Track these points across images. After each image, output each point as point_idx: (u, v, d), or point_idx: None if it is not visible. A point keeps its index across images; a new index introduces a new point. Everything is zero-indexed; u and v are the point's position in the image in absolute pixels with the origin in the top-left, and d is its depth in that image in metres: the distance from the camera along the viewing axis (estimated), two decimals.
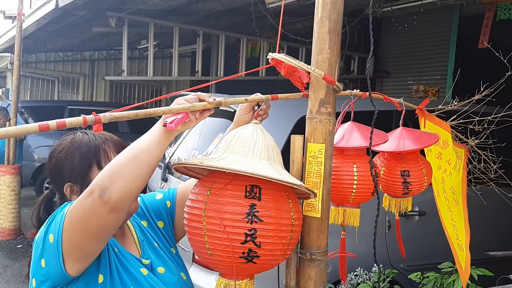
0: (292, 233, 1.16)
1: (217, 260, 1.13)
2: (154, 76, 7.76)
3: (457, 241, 1.79)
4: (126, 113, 1.11)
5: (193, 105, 1.18)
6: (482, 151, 2.00)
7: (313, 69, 1.27)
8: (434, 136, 1.68)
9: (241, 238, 1.08)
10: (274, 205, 1.12)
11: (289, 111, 3.13)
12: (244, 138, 1.18)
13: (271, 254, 1.13)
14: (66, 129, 1.06)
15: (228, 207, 1.09)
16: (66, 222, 1.14)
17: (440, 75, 7.62)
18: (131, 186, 1.10)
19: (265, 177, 1.05)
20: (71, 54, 14.25)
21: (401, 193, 1.74)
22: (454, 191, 1.86)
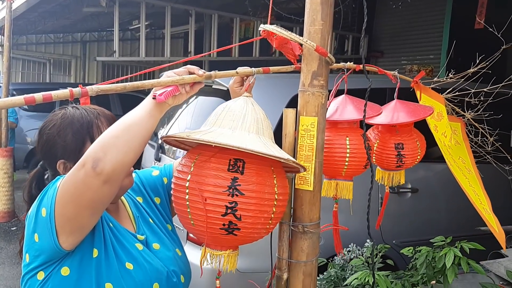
0: (275, 208, 1.17)
1: (199, 230, 1.15)
2: (147, 57, 7.69)
3: (481, 206, 1.81)
4: (113, 86, 1.10)
5: (182, 78, 1.17)
6: (479, 124, 2.01)
7: (305, 40, 1.26)
8: (428, 109, 1.68)
9: (221, 211, 1.10)
10: (257, 180, 1.13)
11: (283, 89, 3.13)
12: (234, 111, 1.18)
13: (252, 228, 1.14)
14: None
15: (210, 179, 1.11)
16: (59, 196, 1.13)
17: (434, 55, 7.61)
18: (124, 157, 1.09)
19: (249, 150, 1.06)
20: (62, 36, 14.09)
21: (395, 166, 1.75)
22: (463, 160, 1.88)
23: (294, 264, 1.39)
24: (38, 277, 1.22)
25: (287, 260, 1.40)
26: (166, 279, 1.34)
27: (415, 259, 2.38)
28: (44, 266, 1.21)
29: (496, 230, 1.82)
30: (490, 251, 2.82)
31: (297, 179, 1.38)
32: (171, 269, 1.37)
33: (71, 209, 1.12)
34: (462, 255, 2.18)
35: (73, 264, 1.22)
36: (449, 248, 2.18)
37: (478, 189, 1.89)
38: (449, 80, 1.89)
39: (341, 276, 2.43)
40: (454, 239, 2.38)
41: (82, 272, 1.22)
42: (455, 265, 2.14)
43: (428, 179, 3.62)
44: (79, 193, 1.10)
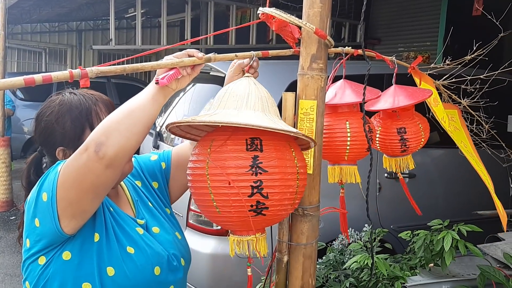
0: (298, 182, 1.15)
1: (226, 217, 1.12)
2: (143, 45, 7.66)
3: (490, 186, 1.83)
4: (113, 68, 1.09)
5: (182, 61, 1.17)
6: (474, 112, 2.01)
7: (304, 23, 1.25)
8: (427, 91, 1.68)
9: (247, 191, 1.08)
10: (277, 155, 1.11)
11: (281, 75, 3.12)
12: (237, 92, 1.17)
13: (280, 204, 1.13)
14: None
15: (231, 161, 1.08)
16: (61, 180, 1.13)
17: (431, 42, 7.59)
18: (126, 142, 1.09)
19: (259, 126, 1.04)
20: (57, 25, 13.98)
21: (400, 151, 1.74)
22: (465, 144, 1.89)
23: (294, 247, 1.41)
24: (39, 261, 1.22)
25: (287, 243, 1.41)
26: (167, 262, 1.35)
27: (413, 242, 2.40)
28: (45, 251, 1.22)
29: (500, 211, 1.85)
30: (488, 234, 2.85)
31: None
32: (171, 252, 1.38)
33: (74, 193, 1.13)
34: (459, 238, 2.20)
35: (74, 249, 1.22)
36: (447, 231, 2.20)
37: (484, 171, 1.92)
38: (445, 66, 1.89)
39: (340, 260, 2.45)
40: (451, 223, 2.40)
41: (83, 256, 1.23)
42: (452, 248, 2.16)
43: (426, 164, 3.64)
44: (81, 177, 1.10)
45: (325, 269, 2.44)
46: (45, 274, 1.22)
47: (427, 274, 2.32)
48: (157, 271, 1.31)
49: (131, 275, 1.26)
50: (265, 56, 1.32)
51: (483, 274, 2.20)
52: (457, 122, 1.93)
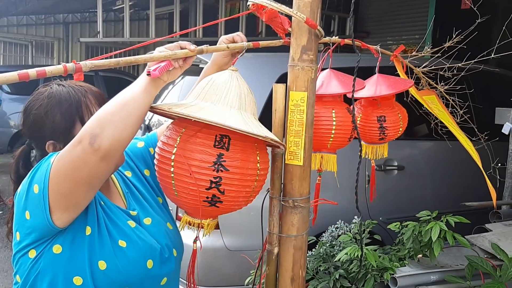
0: (256, 183, 1.20)
1: (182, 201, 1.19)
2: (131, 38, 7.60)
3: (480, 163, 1.88)
4: (107, 61, 1.09)
5: (174, 53, 1.17)
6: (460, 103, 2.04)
7: (295, 12, 1.25)
8: (409, 81, 1.72)
9: (206, 185, 1.13)
10: (242, 156, 1.15)
11: (271, 67, 3.12)
12: (218, 85, 1.19)
13: (234, 200, 1.18)
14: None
15: (197, 154, 1.13)
16: (54, 172, 1.12)
17: (419, 35, 7.63)
18: (121, 134, 1.08)
19: (228, 127, 1.07)
20: (44, 17, 13.81)
21: (378, 138, 1.79)
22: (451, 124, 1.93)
23: (285, 238, 1.41)
24: (30, 255, 1.21)
25: (277, 234, 1.42)
26: (159, 255, 1.34)
27: (402, 234, 2.42)
28: (36, 244, 1.20)
29: (490, 186, 1.91)
30: (475, 226, 2.88)
31: (287, 154, 1.39)
32: (164, 243, 1.38)
33: (67, 185, 1.12)
34: (447, 229, 2.22)
35: (65, 242, 1.21)
36: (435, 222, 2.22)
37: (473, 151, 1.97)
38: (425, 53, 1.92)
39: (330, 253, 2.46)
40: (440, 214, 2.42)
41: (74, 250, 1.22)
42: (441, 238, 2.18)
43: (414, 156, 3.67)
44: (75, 169, 1.09)
45: (315, 261, 2.45)
46: (36, 268, 1.22)
47: (416, 265, 2.34)
48: (150, 264, 1.31)
49: (123, 269, 1.25)
50: (256, 47, 1.31)
51: (471, 264, 2.22)
52: (437, 106, 1.96)
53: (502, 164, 3.77)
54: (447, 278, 2.24)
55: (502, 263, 2.28)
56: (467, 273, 2.22)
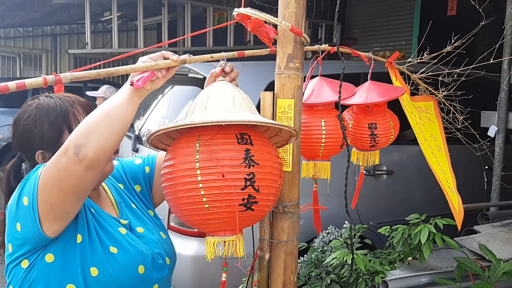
0: (280, 178, 1.18)
1: (214, 213, 1.09)
2: (120, 49, 7.60)
3: (447, 184, 1.88)
4: (87, 73, 1.10)
5: (157, 63, 1.18)
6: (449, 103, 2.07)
7: (280, 21, 1.28)
8: (400, 89, 1.73)
9: (241, 184, 1.07)
10: (266, 149, 1.14)
11: (259, 76, 3.14)
12: (221, 94, 1.17)
13: (267, 199, 1.13)
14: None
15: (224, 153, 1.08)
16: (41, 183, 1.13)
17: (406, 41, 7.71)
18: (106, 143, 1.10)
19: (259, 122, 1.08)
20: (31, 29, 13.75)
21: (369, 145, 1.80)
22: (435, 138, 1.94)
23: (276, 244, 1.43)
24: (22, 265, 1.23)
25: (268, 240, 1.43)
26: (151, 261, 1.36)
27: (392, 237, 2.45)
28: (28, 254, 1.22)
29: (456, 209, 1.92)
30: (464, 228, 2.91)
31: None
32: (156, 251, 1.39)
33: (55, 195, 1.13)
34: (436, 232, 2.25)
35: (57, 251, 1.23)
36: (424, 225, 2.25)
37: (446, 168, 1.97)
38: (420, 60, 1.94)
39: (321, 258, 2.48)
40: (428, 217, 2.45)
41: (66, 258, 1.23)
42: (430, 241, 2.21)
43: (403, 161, 3.70)
44: (62, 180, 1.11)
45: (307, 267, 2.46)
46: (29, 277, 1.23)
47: (406, 267, 2.36)
48: (141, 269, 1.32)
49: (115, 274, 1.26)
50: (241, 56, 1.33)
51: (460, 266, 2.25)
52: (431, 114, 1.98)
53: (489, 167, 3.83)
54: (437, 280, 2.26)
55: (491, 264, 2.31)
56: (457, 275, 2.25)
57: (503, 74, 3.24)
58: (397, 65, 1.89)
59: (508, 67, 3.19)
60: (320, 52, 1.54)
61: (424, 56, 1.94)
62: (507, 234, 2.70)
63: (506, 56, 3.18)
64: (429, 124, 1.92)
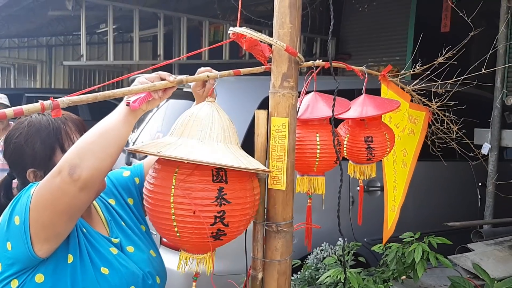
0: (253, 208, 1.23)
1: (185, 241, 1.17)
2: (115, 61, 7.59)
3: (392, 202, 1.91)
4: (84, 97, 1.09)
5: (153, 85, 1.17)
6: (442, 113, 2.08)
7: (275, 41, 1.28)
8: (395, 102, 1.74)
9: (210, 221, 1.13)
10: (240, 186, 1.17)
11: (254, 91, 3.15)
12: (201, 121, 1.19)
13: (236, 231, 1.20)
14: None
15: (198, 192, 1.12)
16: (33, 203, 1.12)
17: (400, 56, 7.77)
18: (101, 163, 1.09)
19: (223, 165, 1.09)
20: (26, 40, 13.75)
21: (365, 158, 1.79)
22: (406, 152, 1.95)
23: (269, 263, 1.41)
24: (12, 285, 1.20)
25: (261, 259, 1.42)
26: (142, 281, 1.34)
27: (386, 255, 2.44)
28: (18, 274, 1.20)
29: (388, 226, 1.95)
30: (458, 245, 2.91)
31: (270, 179, 1.40)
32: (146, 270, 1.37)
33: (47, 216, 1.12)
34: (430, 250, 2.24)
35: (47, 271, 1.21)
36: (417, 244, 2.24)
37: (401, 186, 2.00)
38: (413, 72, 1.96)
39: (315, 276, 2.46)
40: (422, 235, 2.44)
41: (57, 279, 1.21)
42: (424, 259, 2.20)
43: None
44: (55, 200, 1.09)
45: (300, 285, 2.44)
46: None
47: (400, 286, 2.35)
48: None
49: None
50: (236, 75, 1.34)
51: (454, 285, 2.24)
52: (417, 126, 2.00)
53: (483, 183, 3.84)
54: None
55: (484, 283, 2.31)
56: None
57: (496, 92, 3.26)
58: (391, 78, 1.90)
59: (501, 85, 3.22)
60: (314, 68, 1.54)
61: (416, 68, 1.95)
62: (500, 252, 2.70)
63: (499, 75, 3.20)
64: (408, 137, 1.94)
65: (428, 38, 6.87)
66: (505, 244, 2.80)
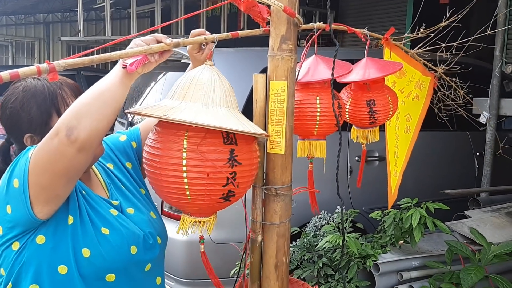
0: (256, 170, 1.25)
1: (195, 204, 1.17)
2: (113, 36, 7.54)
3: (394, 167, 1.92)
4: (81, 60, 1.07)
5: (150, 47, 1.16)
6: (451, 79, 2.07)
7: (272, 1, 1.27)
8: (398, 64, 1.70)
9: (222, 182, 1.14)
10: (247, 148, 1.18)
11: (252, 62, 3.14)
12: (203, 85, 1.18)
13: (244, 191, 1.22)
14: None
15: (211, 155, 1.12)
16: (32, 165, 1.13)
17: (399, 29, 7.70)
18: (98, 125, 1.10)
19: (231, 130, 1.10)
20: (24, 17, 13.61)
21: (368, 122, 1.77)
22: (409, 118, 1.95)
23: (268, 226, 1.43)
24: (13, 247, 1.22)
25: (261, 222, 1.43)
26: (143, 241, 1.36)
27: (384, 221, 2.47)
28: (19, 237, 1.21)
29: (392, 191, 1.96)
30: (455, 213, 2.94)
31: (269, 143, 1.41)
32: (147, 231, 1.39)
33: (46, 178, 1.12)
34: (427, 216, 2.27)
35: (48, 232, 1.22)
36: (415, 209, 2.26)
37: (403, 151, 2.00)
38: (415, 36, 1.94)
39: (313, 243, 2.50)
40: (420, 202, 2.47)
41: (58, 240, 1.23)
42: (421, 225, 2.23)
43: None
44: (53, 162, 1.10)
45: (299, 251, 2.48)
46: (20, 259, 1.22)
47: (398, 251, 2.39)
48: (134, 250, 1.32)
49: (107, 255, 1.26)
50: (235, 37, 1.33)
51: (451, 249, 2.27)
52: (422, 91, 1.98)
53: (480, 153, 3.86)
54: (427, 264, 2.29)
55: (481, 248, 2.34)
56: (447, 258, 2.28)
57: (495, 60, 3.25)
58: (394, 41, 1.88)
59: (500, 54, 3.21)
60: (315, 31, 1.53)
61: (420, 31, 1.93)
62: (497, 219, 2.73)
63: (499, 43, 3.19)
64: (412, 102, 1.93)
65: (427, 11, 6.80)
66: (502, 211, 2.84)
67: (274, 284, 1.43)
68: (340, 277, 2.23)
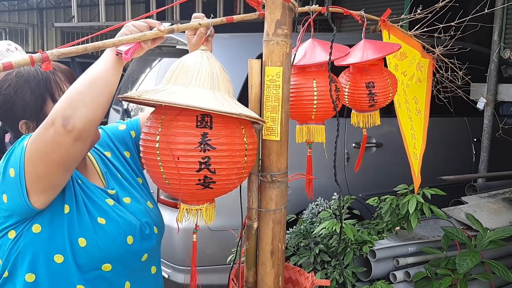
0: (246, 158, 1.20)
1: (175, 189, 1.17)
2: (107, 22, 7.47)
3: (413, 150, 1.89)
4: (74, 48, 1.07)
5: (144, 34, 1.16)
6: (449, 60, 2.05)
7: None
8: (396, 45, 1.68)
9: (195, 167, 1.12)
10: (226, 132, 1.15)
11: (248, 47, 3.11)
12: (188, 67, 1.17)
13: (227, 179, 1.18)
14: None
15: (180, 137, 1.12)
16: (28, 155, 1.12)
17: (397, 14, 7.65)
18: (94, 113, 1.09)
19: (199, 108, 1.07)
20: (17, 3, 13.46)
21: (367, 105, 1.74)
22: (417, 100, 1.93)
23: (264, 213, 1.43)
24: (9, 236, 1.22)
25: (256, 209, 1.43)
26: (139, 231, 1.35)
27: (380, 208, 2.46)
28: (15, 225, 1.21)
29: (416, 175, 1.94)
30: (451, 199, 2.95)
31: (264, 129, 1.39)
32: (144, 221, 1.38)
33: (43, 168, 1.12)
34: (424, 202, 2.26)
35: (44, 221, 1.22)
36: (411, 195, 2.26)
37: (419, 133, 1.98)
38: (412, 17, 1.92)
39: (310, 229, 2.50)
40: None
41: (54, 229, 1.22)
42: (417, 211, 2.23)
43: (392, 134, 3.71)
44: (50, 152, 1.09)
45: (296, 238, 2.48)
46: (16, 248, 1.22)
47: (394, 237, 2.39)
48: (130, 240, 1.32)
49: (104, 245, 1.26)
50: (229, 21, 1.31)
51: (447, 235, 2.28)
52: (423, 73, 1.96)
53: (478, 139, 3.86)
54: (424, 249, 2.30)
55: (477, 233, 2.35)
56: (444, 244, 2.28)
57: (493, 45, 3.23)
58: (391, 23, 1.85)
59: (498, 39, 3.18)
60: (311, 13, 1.50)
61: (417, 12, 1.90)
62: (494, 204, 2.74)
63: (497, 28, 3.17)
64: (416, 85, 1.90)
65: None
66: (499, 196, 2.84)
67: (270, 270, 1.43)
68: (336, 264, 2.24)
